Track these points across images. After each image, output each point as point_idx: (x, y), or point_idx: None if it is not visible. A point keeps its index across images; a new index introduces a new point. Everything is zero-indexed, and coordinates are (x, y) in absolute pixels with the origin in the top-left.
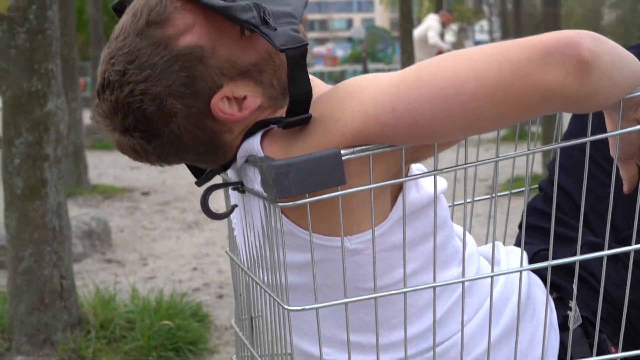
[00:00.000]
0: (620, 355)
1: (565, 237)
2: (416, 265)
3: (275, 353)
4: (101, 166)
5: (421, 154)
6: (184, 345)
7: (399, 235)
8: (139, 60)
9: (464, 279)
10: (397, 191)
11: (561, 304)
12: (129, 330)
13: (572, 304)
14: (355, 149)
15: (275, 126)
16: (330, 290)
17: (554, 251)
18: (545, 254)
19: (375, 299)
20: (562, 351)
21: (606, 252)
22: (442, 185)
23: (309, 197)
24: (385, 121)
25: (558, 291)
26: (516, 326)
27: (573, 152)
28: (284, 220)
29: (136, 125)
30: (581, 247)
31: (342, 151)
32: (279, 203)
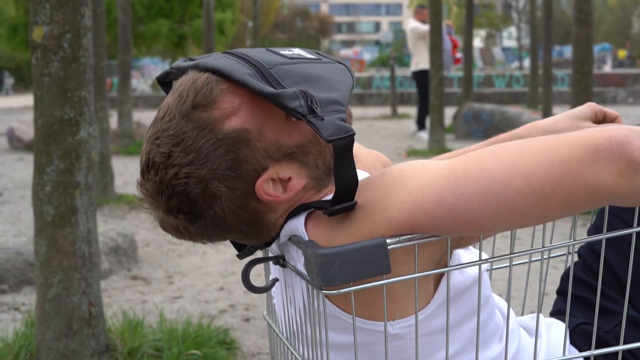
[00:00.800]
0: None
1: (605, 309)
2: (458, 347)
3: None
4: (127, 173)
5: (466, 241)
6: None
7: (441, 319)
8: (184, 144)
9: None
10: (440, 275)
11: None
12: (156, 359)
13: None
14: (401, 239)
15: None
16: None
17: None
18: (586, 327)
19: None
20: None
21: None
22: (486, 264)
23: (353, 286)
24: (433, 214)
25: None
26: None
27: (612, 219)
28: (327, 303)
29: (180, 206)
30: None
31: (388, 240)
32: (324, 291)
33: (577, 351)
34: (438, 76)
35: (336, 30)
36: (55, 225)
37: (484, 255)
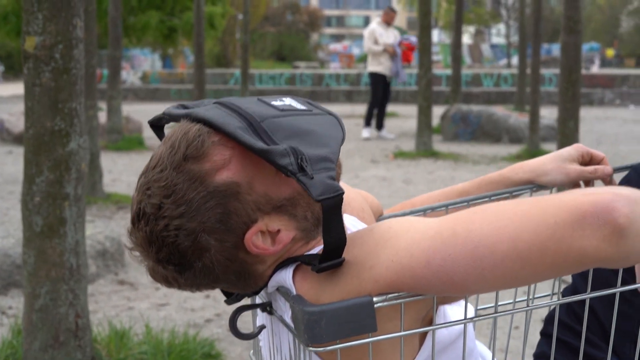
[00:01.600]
0: None
1: (589, 356)
2: None
3: None
4: (115, 170)
5: (451, 298)
6: None
7: None
8: (175, 196)
9: None
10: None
11: None
12: None
13: None
14: (388, 297)
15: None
16: None
17: None
18: None
19: None
20: None
21: None
22: (471, 315)
23: (339, 343)
24: (420, 274)
25: None
26: None
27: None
28: (314, 356)
29: (169, 258)
30: None
31: (375, 299)
32: (310, 347)
33: None
34: (427, 77)
35: (325, 24)
36: (44, 236)
37: (469, 308)
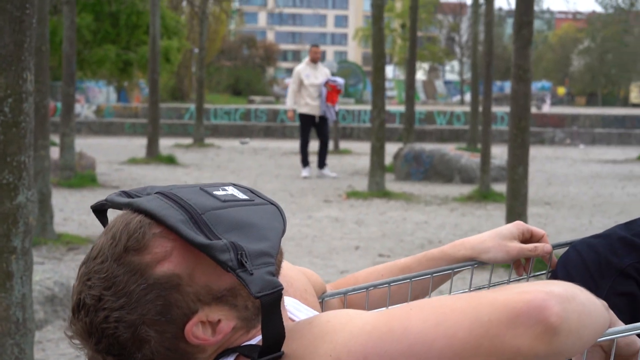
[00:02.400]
0: None
1: None
2: None
3: None
4: (67, 209)
5: None
6: None
7: None
8: (115, 288)
9: None
10: None
11: None
12: None
13: None
14: None
15: None
16: None
17: None
18: None
19: None
20: None
21: None
22: None
23: None
24: None
25: None
26: None
27: None
28: None
29: (109, 349)
30: None
31: None
32: None
33: None
34: (380, 118)
35: (281, 58)
36: None
37: None
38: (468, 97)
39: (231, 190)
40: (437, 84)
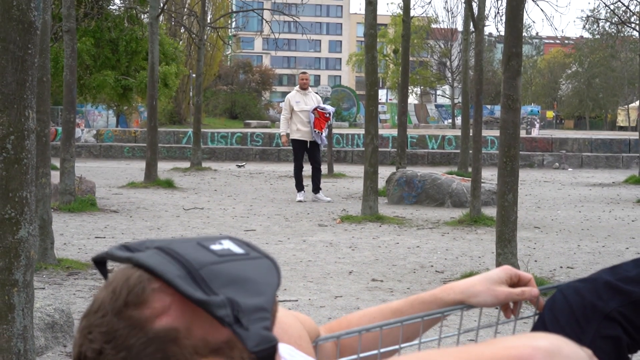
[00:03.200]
0: None
1: None
2: None
3: None
4: (67, 233)
5: None
6: None
7: None
8: (115, 341)
9: None
10: None
11: None
12: None
13: None
14: None
15: None
16: None
17: None
18: None
19: None
20: None
21: None
22: None
23: None
24: None
25: None
26: None
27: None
28: None
29: None
30: None
31: None
32: None
33: None
34: (373, 144)
35: (277, 82)
36: None
37: None
38: (459, 120)
39: (227, 244)
40: (429, 107)
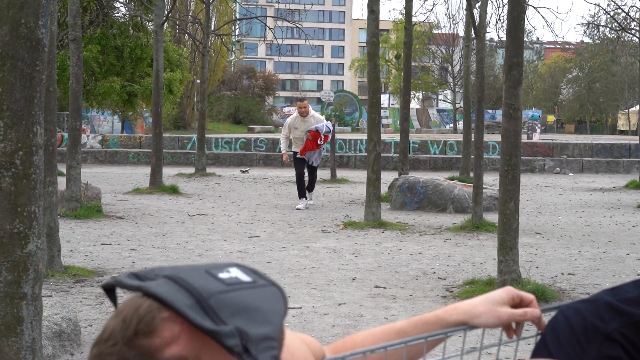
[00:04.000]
0: None
1: None
2: None
3: None
4: (73, 240)
5: None
6: None
7: None
8: None
9: None
10: None
11: None
12: None
13: None
14: None
15: None
16: None
17: None
18: None
19: None
20: None
21: None
22: None
23: None
24: None
25: None
26: None
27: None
28: None
29: None
30: None
31: None
32: None
33: None
34: (375, 151)
35: (280, 88)
36: (1, 335)
37: None
38: (461, 124)
39: (235, 272)
40: (431, 112)
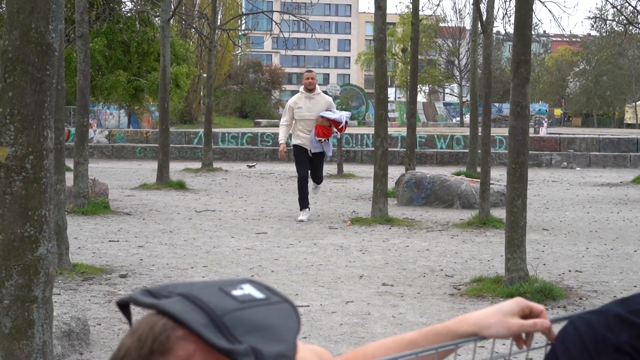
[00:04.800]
0: None
1: None
2: None
3: None
4: (81, 237)
5: None
6: None
7: None
8: None
9: None
10: None
11: None
12: None
13: None
14: None
15: None
16: None
17: None
18: None
19: None
20: None
21: None
22: None
23: None
24: None
25: None
26: None
27: None
28: None
29: None
30: None
31: None
32: None
33: None
34: (382, 147)
35: (286, 81)
36: (12, 338)
37: None
38: (467, 118)
39: (248, 288)
40: (437, 105)
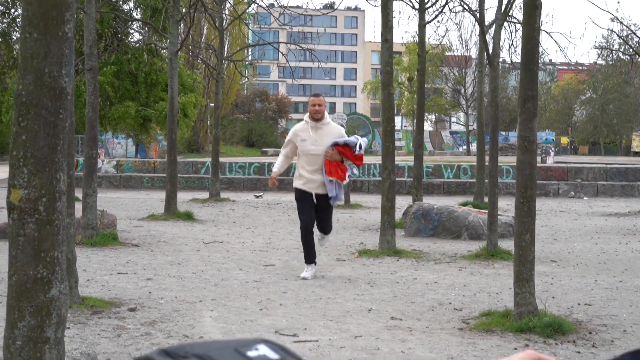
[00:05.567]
0: None
1: None
2: None
3: None
4: (90, 269)
5: None
6: None
7: None
8: None
9: None
10: None
11: None
12: None
13: None
14: None
15: None
16: None
17: None
18: None
19: None
20: None
21: None
22: None
23: None
24: None
25: None
26: None
27: None
28: None
29: None
30: None
31: None
32: None
33: None
34: (390, 179)
35: (293, 110)
36: None
37: None
38: (474, 147)
39: (263, 349)
40: (444, 134)
